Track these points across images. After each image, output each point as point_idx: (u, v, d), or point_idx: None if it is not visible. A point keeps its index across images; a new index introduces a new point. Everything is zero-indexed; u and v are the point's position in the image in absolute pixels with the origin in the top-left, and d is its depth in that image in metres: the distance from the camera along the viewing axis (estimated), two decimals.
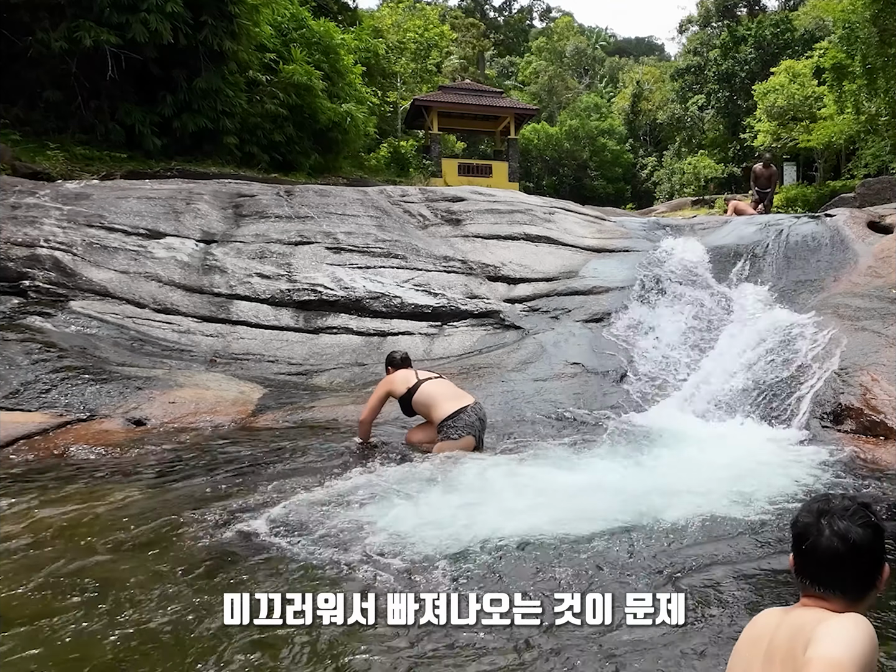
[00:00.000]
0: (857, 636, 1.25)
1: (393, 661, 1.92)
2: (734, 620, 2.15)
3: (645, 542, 2.73)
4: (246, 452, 4.05)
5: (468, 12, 51.23)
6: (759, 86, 26.86)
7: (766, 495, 3.30)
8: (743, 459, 4.03)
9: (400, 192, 10.34)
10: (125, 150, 12.17)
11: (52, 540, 2.67)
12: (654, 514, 2.99)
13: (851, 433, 4.48)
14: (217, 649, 1.94)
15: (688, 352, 6.01)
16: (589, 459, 3.96)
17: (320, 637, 2.03)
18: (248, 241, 7.99)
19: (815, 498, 1.48)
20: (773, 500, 3.24)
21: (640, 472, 3.74)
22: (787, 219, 8.71)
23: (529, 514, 2.96)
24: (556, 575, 2.45)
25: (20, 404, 4.58)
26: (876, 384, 4.61)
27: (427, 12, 30.55)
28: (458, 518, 2.91)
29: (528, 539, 2.72)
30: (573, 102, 47.87)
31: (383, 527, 2.81)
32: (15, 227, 7.20)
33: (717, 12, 42.01)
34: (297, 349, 6.75)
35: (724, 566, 2.54)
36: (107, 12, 11.22)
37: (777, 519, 3.00)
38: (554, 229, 8.94)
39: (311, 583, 2.35)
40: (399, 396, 4.19)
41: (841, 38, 19.21)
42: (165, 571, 2.41)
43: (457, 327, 7.07)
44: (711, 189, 34.20)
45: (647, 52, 66.18)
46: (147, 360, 5.83)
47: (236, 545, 2.65)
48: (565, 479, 3.55)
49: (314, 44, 15.94)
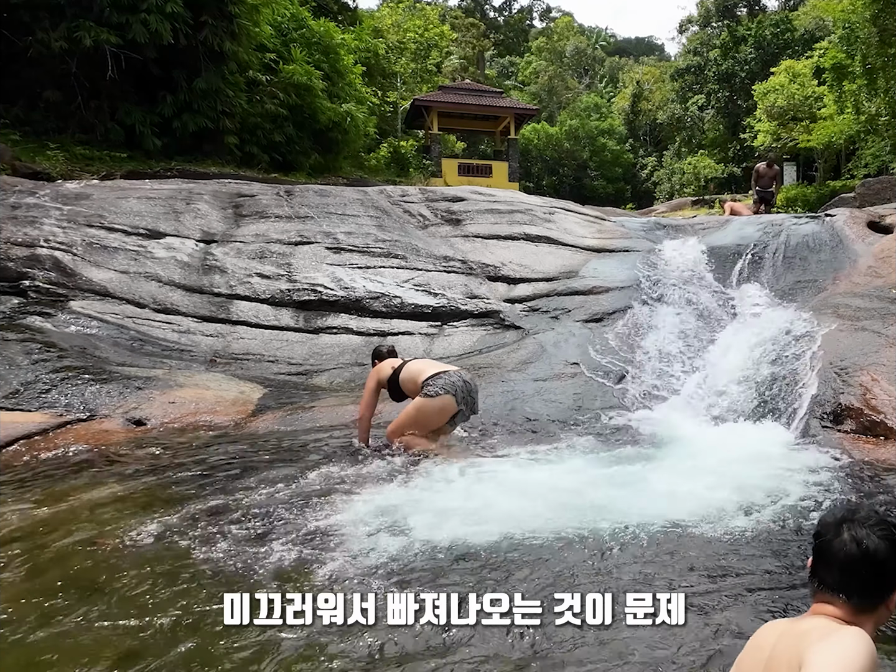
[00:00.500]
0: (853, 657, 1.23)
1: (391, 659, 1.92)
2: (731, 622, 2.15)
3: (645, 544, 2.73)
4: (246, 452, 4.05)
5: (468, 12, 51.21)
6: (759, 86, 26.86)
7: (764, 495, 3.30)
8: (742, 460, 4.03)
9: (400, 192, 10.34)
10: (125, 150, 12.17)
11: (53, 540, 2.67)
12: (654, 515, 2.98)
13: (851, 433, 4.47)
14: (218, 650, 1.94)
15: (688, 352, 6.01)
16: (589, 460, 3.96)
17: (320, 637, 2.03)
18: (248, 241, 7.99)
19: (843, 504, 1.48)
20: (772, 501, 3.23)
21: (640, 472, 3.74)
22: (788, 219, 8.72)
23: (527, 515, 2.96)
24: (555, 575, 2.45)
25: (20, 404, 4.58)
26: (876, 384, 4.61)
27: (427, 12, 30.56)
28: (459, 519, 2.91)
29: (522, 539, 2.72)
30: (573, 102, 47.86)
31: (384, 526, 2.81)
32: (15, 227, 7.20)
33: (717, 12, 42.00)
34: (297, 349, 6.75)
35: (724, 565, 2.54)
36: (107, 12, 11.23)
37: (776, 519, 2.99)
38: (554, 229, 8.94)
39: (312, 583, 2.35)
40: (387, 379, 4.15)
41: (841, 38, 19.21)
42: (166, 571, 2.42)
43: (457, 327, 7.07)
44: (711, 189, 34.20)
45: (647, 52, 66.18)
46: (147, 360, 5.83)
47: (236, 545, 2.65)
48: (564, 479, 3.55)
49: (314, 44, 15.94)
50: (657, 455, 4.13)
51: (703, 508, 3.09)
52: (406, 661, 1.93)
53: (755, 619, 2.11)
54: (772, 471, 3.78)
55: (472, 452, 4.10)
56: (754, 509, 3.10)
